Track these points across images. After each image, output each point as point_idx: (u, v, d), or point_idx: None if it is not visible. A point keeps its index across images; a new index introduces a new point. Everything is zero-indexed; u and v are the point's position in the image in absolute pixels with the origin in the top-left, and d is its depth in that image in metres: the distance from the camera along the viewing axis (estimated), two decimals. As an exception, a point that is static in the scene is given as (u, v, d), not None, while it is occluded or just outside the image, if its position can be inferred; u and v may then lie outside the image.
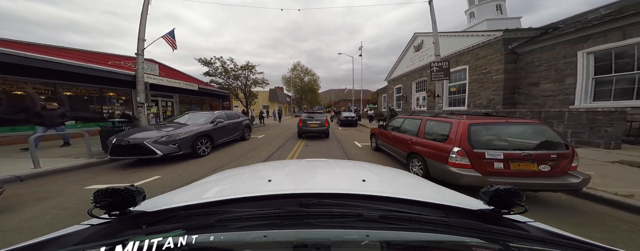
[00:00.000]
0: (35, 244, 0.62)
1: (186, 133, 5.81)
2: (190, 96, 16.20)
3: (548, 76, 8.41)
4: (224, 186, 1.28)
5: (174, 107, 14.10)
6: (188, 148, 5.76)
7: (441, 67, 7.66)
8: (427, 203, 0.87)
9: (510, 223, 0.78)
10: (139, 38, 7.13)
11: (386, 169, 1.69)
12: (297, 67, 50.48)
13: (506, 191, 0.74)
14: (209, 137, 6.77)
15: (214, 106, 20.21)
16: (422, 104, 17.80)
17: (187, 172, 4.70)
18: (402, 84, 21.38)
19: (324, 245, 0.52)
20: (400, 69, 21.79)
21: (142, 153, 4.94)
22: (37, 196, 3.31)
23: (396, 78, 22.79)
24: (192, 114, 7.63)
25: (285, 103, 49.81)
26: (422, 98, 17.96)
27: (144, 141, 4.93)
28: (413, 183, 1.41)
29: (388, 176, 1.49)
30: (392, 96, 24.11)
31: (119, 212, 0.72)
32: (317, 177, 1.44)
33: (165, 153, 5.15)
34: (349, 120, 17.36)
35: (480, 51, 11.24)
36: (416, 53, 18.41)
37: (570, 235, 0.69)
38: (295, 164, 1.80)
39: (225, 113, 8.57)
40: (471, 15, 19.49)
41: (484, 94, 10.96)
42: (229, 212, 0.71)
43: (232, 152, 7.18)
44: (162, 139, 5.21)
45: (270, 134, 12.72)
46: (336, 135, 11.81)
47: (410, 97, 19.86)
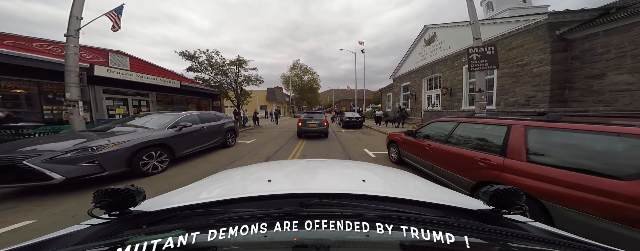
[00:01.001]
0: (35, 244, 0.63)
1: (119, 143, 3.84)
2: (173, 94, 14.21)
3: (621, 65, 6.44)
4: (223, 186, 1.28)
5: (150, 107, 12.14)
6: (120, 166, 3.80)
7: (484, 53, 5.68)
8: (427, 203, 0.87)
9: (510, 223, 0.78)
10: (72, 16, 5.18)
11: (386, 169, 1.69)
12: (296, 66, 48.61)
13: (506, 191, 0.74)
14: (166, 147, 4.81)
15: (203, 106, 18.23)
16: (435, 103, 15.84)
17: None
18: (411, 81, 19.43)
19: (323, 245, 0.53)
20: (408, 66, 19.85)
21: (26, 177, 2.97)
22: None
23: (403, 75, 20.85)
24: (150, 116, 5.67)
25: (284, 103, 47.80)
26: (434, 97, 16.00)
27: (28, 160, 2.95)
28: (413, 183, 1.39)
29: (388, 176, 1.50)
30: (399, 95, 22.16)
31: (119, 212, 0.72)
32: (317, 177, 1.44)
33: (71, 176, 3.19)
34: (353, 121, 15.41)
35: (514, 39, 9.29)
36: (427, 47, 16.48)
37: (570, 235, 0.69)
38: (295, 164, 1.81)
39: (198, 115, 6.62)
40: (488, 6, 17.60)
41: (520, 91, 8.99)
42: (229, 212, 0.71)
43: (202, 166, 5.23)
44: (66, 155, 3.23)
45: (262, 138, 10.75)
46: (340, 140, 9.84)
47: (419, 96, 17.90)
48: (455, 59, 13.25)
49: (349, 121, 15.40)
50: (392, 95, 24.73)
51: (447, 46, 14.08)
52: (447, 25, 13.92)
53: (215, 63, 12.97)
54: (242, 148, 8.03)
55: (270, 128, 16.73)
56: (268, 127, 17.98)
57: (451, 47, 13.58)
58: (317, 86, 52.71)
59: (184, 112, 6.19)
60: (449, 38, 13.91)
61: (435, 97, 15.93)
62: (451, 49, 13.56)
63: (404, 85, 21.12)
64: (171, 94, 14.08)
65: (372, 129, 14.50)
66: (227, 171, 1.64)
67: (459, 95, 12.80)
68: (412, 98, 18.98)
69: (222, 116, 8.03)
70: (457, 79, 12.94)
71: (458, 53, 12.88)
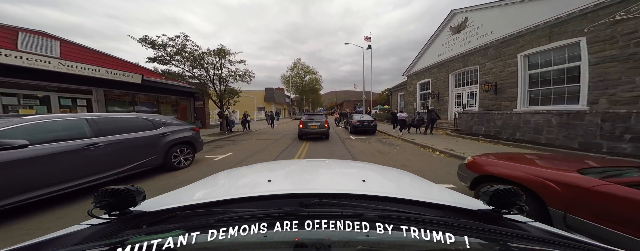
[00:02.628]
0: (35, 244, 0.62)
1: None
2: (135, 92, 11.16)
3: None
4: (224, 186, 1.28)
5: (95, 107, 9.08)
6: None
7: None
8: (427, 203, 0.86)
9: (510, 223, 0.78)
10: None
11: (386, 169, 1.67)
12: (297, 66, 45.66)
13: (506, 191, 0.74)
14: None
15: (182, 107, 15.16)
16: (469, 102, 12.59)
17: None
18: (432, 77, 16.23)
19: (324, 245, 0.53)
20: (427, 60, 16.68)
21: None
22: None
23: (421, 71, 17.66)
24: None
25: (284, 104, 44.69)
26: (467, 94, 12.77)
27: None
28: (413, 183, 1.39)
29: (388, 176, 1.49)
30: (414, 94, 18.96)
31: (119, 212, 0.72)
32: (317, 177, 1.43)
33: None
34: (365, 126, 12.24)
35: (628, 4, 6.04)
36: (455, 36, 13.32)
37: (570, 235, 0.69)
38: (295, 164, 1.81)
39: (89, 119, 3.52)
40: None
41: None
42: (229, 212, 0.70)
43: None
44: None
45: (244, 150, 7.61)
46: (355, 154, 6.71)
47: (444, 94, 14.69)
48: (501, 46, 10.05)
49: (359, 126, 12.23)
50: (406, 94, 21.56)
51: (487, 31, 10.92)
52: (487, 5, 10.76)
53: (186, 53, 9.87)
54: (200, 171, 4.92)
55: (263, 133, 13.61)
56: (261, 132, 14.85)
57: (494, 32, 10.42)
58: (319, 87, 49.65)
59: (31, 116, 3.08)
60: (489, 22, 10.78)
61: (469, 95, 12.69)
62: (494, 34, 10.40)
63: (421, 82, 17.93)
64: (132, 91, 11.02)
65: (390, 136, 11.31)
66: (227, 171, 1.61)
67: (510, 92, 9.58)
68: (433, 97, 15.76)
69: (163, 122, 4.90)
70: (506, 72, 9.73)
71: (507, 38, 9.69)
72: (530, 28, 8.64)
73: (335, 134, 13.06)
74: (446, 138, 9.31)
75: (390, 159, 6.13)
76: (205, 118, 15.90)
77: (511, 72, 9.50)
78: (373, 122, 12.46)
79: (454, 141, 8.50)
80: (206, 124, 15.80)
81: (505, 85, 9.79)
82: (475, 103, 12.06)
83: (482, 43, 11.11)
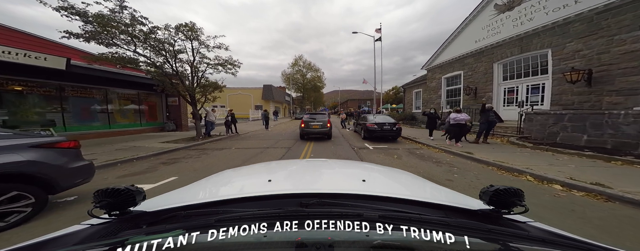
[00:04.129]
0: (35, 244, 0.62)
1: None
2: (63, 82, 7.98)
3: None
4: (224, 186, 1.26)
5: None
6: None
7: None
8: (427, 203, 0.85)
9: (510, 223, 0.77)
10: None
11: (387, 169, 1.65)
12: (298, 62, 42.45)
13: (506, 191, 0.73)
14: None
15: (150, 104, 11.97)
16: (529, 99, 9.22)
17: None
18: (465, 69, 12.92)
19: (324, 245, 0.52)
20: (456, 49, 13.42)
21: None
22: None
23: (448, 63, 14.35)
24: None
25: (283, 103, 41.37)
26: (527, 88, 9.39)
27: None
28: (413, 183, 1.37)
29: (388, 176, 1.47)
30: (437, 90, 15.66)
31: (119, 212, 0.71)
32: (318, 177, 1.39)
33: None
34: (386, 131, 8.98)
35: None
36: (505, 15, 10.06)
37: (571, 235, 0.69)
38: (295, 164, 1.78)
39: None
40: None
41: None
42: (229, 212, 0.69)
43: None
44: None
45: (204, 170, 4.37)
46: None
47: (485, 89, 11.38)
48: (602, 17, 6.72)
49: (378, 131, 8.98)
50: (425, 91, 18.34)
51: (565, 2, 7.62)
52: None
53: (123, 26, 6.54)
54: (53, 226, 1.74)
55: (251, 138, 10.46)
56: (250, 135, 11.64)
57: (582, 1, 7.15)
58: (321, 84, 46.38)
59: None
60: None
61: (530, 89, 9.31)
62: (583, 3, 7.12)
63: (448, 76, 14.63)
64: (58, 81, 7.84)
65: (422, 145, 8.05)
66: (227, 171, 1.57)
67: (621, 82, 6.22)
68: (468, 93, 12.40)
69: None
70: (614, 53, 6.38)
71: (615, 4, 6.39)
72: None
73: (343, 139, 9.96)
74: (521, 151, 6.01)
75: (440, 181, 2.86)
76: (180, 118, 12.70)
77: (627, 52, 6.13)
78: (396, 125, 9.16)
79: (541, 157, 5.27)
80: (181, 126, 12.59)
81: (613, 72, 6.42)
82: (542, 100, 8.73)
83: (559, 17, 7.79)
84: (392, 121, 9.40)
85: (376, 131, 8.99)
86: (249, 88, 33.98)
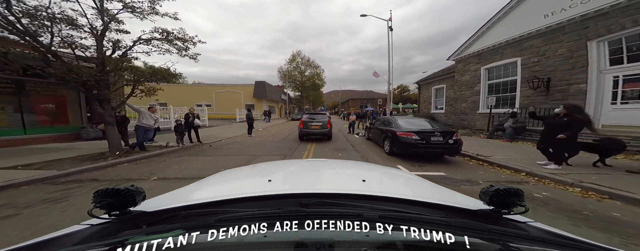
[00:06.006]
0: (35, 244, 0.61)
1: None
2: None
3: None
4: (223, 186, 1.26)
5: None
6: None
7: None
8: (427, 203, 0.85)
9: (511, 223, 0.77)
10: None
11: (386, 169, 1.65)
12: (296, 58, 38.74)
13: (506, 191, 0.73)
14: None
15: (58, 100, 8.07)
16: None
17: None
18: (526, 54, 9.32)
19: (324, 245, 0.52)
20: (507, 29, 10.00)
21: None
22: None
23: (492, 49, 10.88)
24: None
25: (279, 102, 37.54)
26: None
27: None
28: (413, 183, 1.38)
29: (388, 176, 1.48)
30: (472, 85, 12.42)
31: (119, 212, 0.71)
32: (318, 177, 1.40)
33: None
34: (436, 145, 5.25)
35: None
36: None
37: (571, 235, 0.68)
38: (295, 164, 1.76)
39: None
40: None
41: None
42: (229, 212, 0.68)
43: None
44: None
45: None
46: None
47: (566, 80, 7.78)
48: None
49: (421, 145, 5.26)
50: (449, 87, 14.93)
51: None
52: None
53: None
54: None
55: (216, 152, 6.89)
56: (216, 147, 7.94)
57: None
58: (321, 82, 42.67)
59: None
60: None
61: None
62: None
63: (490, 66, 11.12)
64: None
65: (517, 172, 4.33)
66: (227, 171, 1.59)
67: None
68: (536, 86, 8.65)
69: None
70: None
71: None
72: None
73: (355, 152, 6.42)
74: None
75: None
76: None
77: None
78: (454, 135, 5.41)
79: None
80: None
81: None
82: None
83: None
84: (442, 129, 5.68)
85: (419, 146, 5.26)
86: (239, 85, 30.18)
